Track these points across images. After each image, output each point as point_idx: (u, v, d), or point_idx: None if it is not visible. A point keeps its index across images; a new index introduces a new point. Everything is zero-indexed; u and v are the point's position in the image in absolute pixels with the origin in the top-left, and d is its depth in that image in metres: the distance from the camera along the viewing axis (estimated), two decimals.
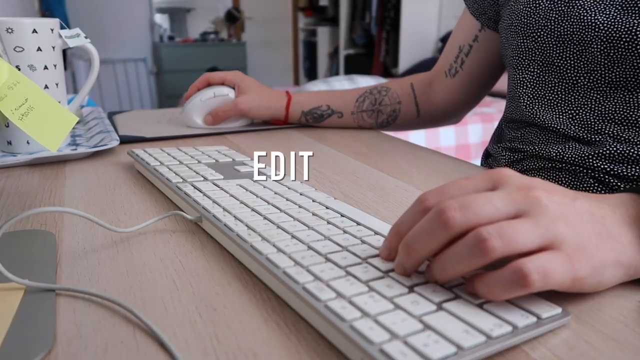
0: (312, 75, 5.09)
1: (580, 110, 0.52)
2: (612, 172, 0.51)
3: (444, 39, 3.74)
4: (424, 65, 3.54)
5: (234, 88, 0.78)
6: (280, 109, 0.78)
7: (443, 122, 0.82)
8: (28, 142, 0.61)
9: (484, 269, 0.28)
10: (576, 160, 0.53)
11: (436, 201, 0.29)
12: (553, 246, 0.27)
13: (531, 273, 0.26)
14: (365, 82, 2.31)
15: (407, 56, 3.90)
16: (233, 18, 4.51)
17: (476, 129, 2.14)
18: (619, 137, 0.50)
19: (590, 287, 0.29)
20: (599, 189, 0.52)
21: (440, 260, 0.28)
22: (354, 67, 4.38)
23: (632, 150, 0.49)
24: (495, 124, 2.20)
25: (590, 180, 0.52)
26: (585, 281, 0.28)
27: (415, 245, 0.29)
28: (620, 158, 0.50)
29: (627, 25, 0.47)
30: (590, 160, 0.52)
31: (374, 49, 4.23)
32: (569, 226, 0.28)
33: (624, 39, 0.47)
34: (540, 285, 0.26)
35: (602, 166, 0.51)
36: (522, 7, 0.56)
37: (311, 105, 0.79)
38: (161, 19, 4.50)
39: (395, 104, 0.78)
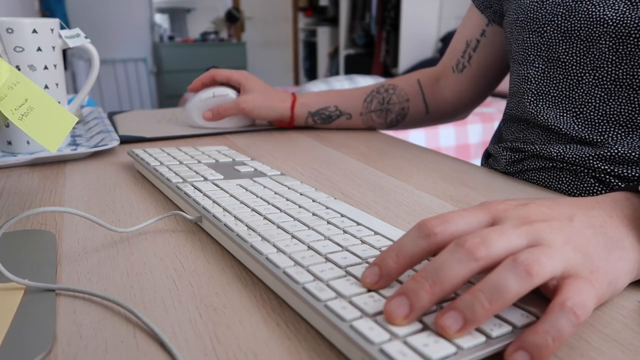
0: (312, 75, 5.09)
1: (584, 109, 0.52)
2: (612, 173, 0.50)
3: (444, 39, 3.74)
4: (424, 65, 3.54)
5: (236, 89, 0.78)
6: (285, 110, 0.76)
7: (451, 119, 0.81)
8: (28, 142, 0.61)
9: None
10: (577, 160, 0.52)
11: (443, 229, 0.28)
12: (570, 273, 0.27)
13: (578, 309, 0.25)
14: (365, 82, 2.30)
15: (407, 56, 3.90)
16: (233, 18, 4.51)
17: (476, 129, 2.14)
18: (621, 139, 0.50)
19: (607, 299, 0.29)
20: (599, 189, 0.52)
21: (482, 291, 0.25)
22: (354, 67, 4.38)
23: (634, 153, 0.49)
24: (496, 124, 2.20)
25: (591, 180, 0.52)
26: (604, 297, 0.28)
27: (441, 279, 0.25)
28: (621, 159, 0.50)
29: (636, 21, 0.47)
30: (591, 161, 0.51)
31: (374, 49, 4.22)
32: (576, 250, 0.28)
33: (632, 35, 0.47)
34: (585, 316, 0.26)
35: (602, 167, 0.51)
36: (528, 1, 0.56)
37: (318, 106, 0.76)
38: (161, 19, 4.50)
39: (403, 102, 0.76)
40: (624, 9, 0.47)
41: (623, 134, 0.50)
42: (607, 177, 0.51)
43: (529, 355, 0.24)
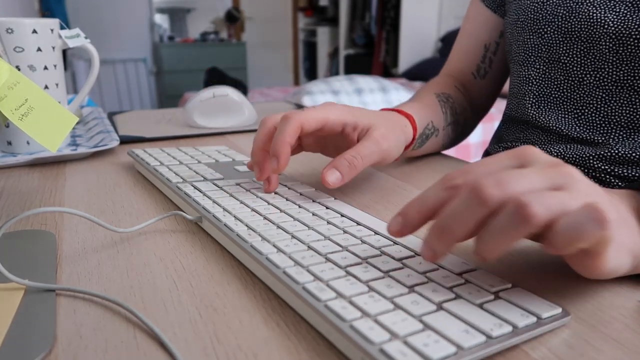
0: (312, 75, 5.09)
1: (585, 110, 0.52)
2: (613, 173, 0.51)
3: (444, 39, 3.74)
4: (424, 65, 3.54)
5: (237, 89, 0.77)
6: (409, 138, 0.53)
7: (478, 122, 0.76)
8: (28, 142, 0.61)
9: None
10: (577, 160, 0.52)
11: (464, 180, 0.28)
12: None
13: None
14: (365, 82, 2.30)
15: (407, 56, 3.90)
16: (233, 18, 4.51)
17: (476, 129, 2.14)
18: (622, 140, 0.50)
19: (610, 270, 0.28)
20: None
21: (481, 237, 0.26)
22: (354, 67, 4.38)
23: (634, 154, 0.49)
24: (496, 124, 2.20)
25: (591, 180, 0.52)
26: (610, 262, 0.27)
27: (450, 226, 0.27)
28: (621, 160, 0.50)
29: (637, 23, 0.47)
30: (592, 161, 0.51)
31: (374, 49, 4.23)
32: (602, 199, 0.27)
33: (633, 37, 0.47)
34: None
35: (603, 167, 0.51)
36: (529, 2, 0.56)
37: (423, 124, 0.56)
38: (161, 19, 4.50)
39: (466, 112, 0.68)
40: (625, 11, 0.47)
41: (625, 135, 0.50)
42: (608, 177, 0.51)
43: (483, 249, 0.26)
